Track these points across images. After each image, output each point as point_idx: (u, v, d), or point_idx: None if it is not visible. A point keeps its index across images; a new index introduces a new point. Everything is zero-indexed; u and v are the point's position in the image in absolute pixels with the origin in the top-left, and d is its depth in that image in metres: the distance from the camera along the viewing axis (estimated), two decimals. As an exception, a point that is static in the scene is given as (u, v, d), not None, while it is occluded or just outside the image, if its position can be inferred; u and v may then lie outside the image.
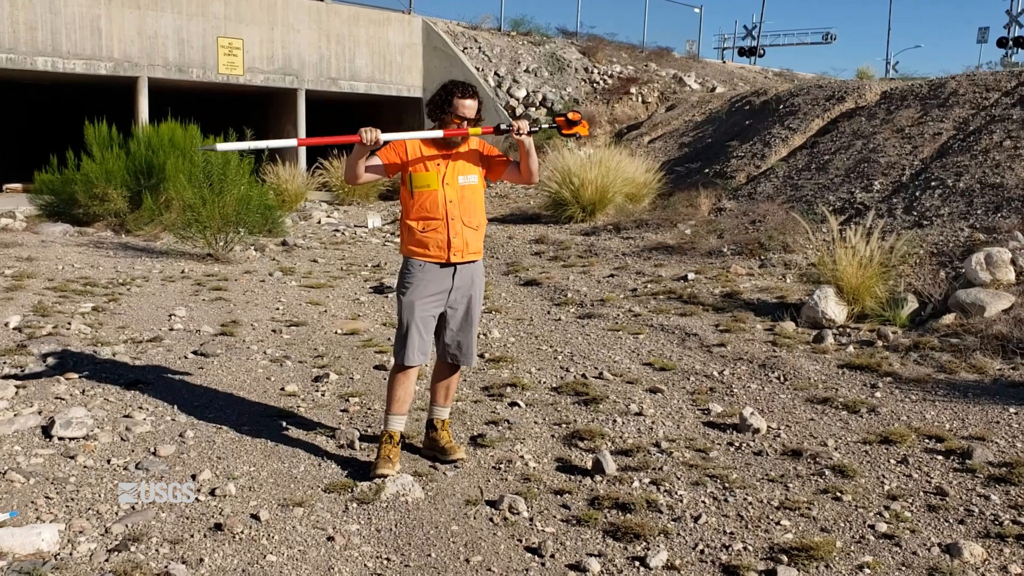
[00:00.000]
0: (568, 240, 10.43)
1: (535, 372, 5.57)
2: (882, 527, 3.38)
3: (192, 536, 3.27)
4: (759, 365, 5.64)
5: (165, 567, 3.02)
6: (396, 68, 18.62)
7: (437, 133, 3.83)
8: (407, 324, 3.84)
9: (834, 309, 6.41)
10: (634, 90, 19.33)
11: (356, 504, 3.59)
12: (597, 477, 3.89)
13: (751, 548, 3.25)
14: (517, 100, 18.35)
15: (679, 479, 3.89)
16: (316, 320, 6.94)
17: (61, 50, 14.17)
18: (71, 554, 3.09)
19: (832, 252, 6.84)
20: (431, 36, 18.89)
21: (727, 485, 3.80)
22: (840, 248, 6.68)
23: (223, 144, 4.04)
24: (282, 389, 5.11)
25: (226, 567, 3.07)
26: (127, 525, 3.31)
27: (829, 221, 7.50)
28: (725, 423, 4.62)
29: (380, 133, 3.74)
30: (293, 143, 4.13)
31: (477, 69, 18.46)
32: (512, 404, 4.91)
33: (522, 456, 4.14)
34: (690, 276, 8.13)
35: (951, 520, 3.45)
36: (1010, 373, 5.20)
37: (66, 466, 3.85)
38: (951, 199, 8.59)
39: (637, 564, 3.14)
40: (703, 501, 3.64)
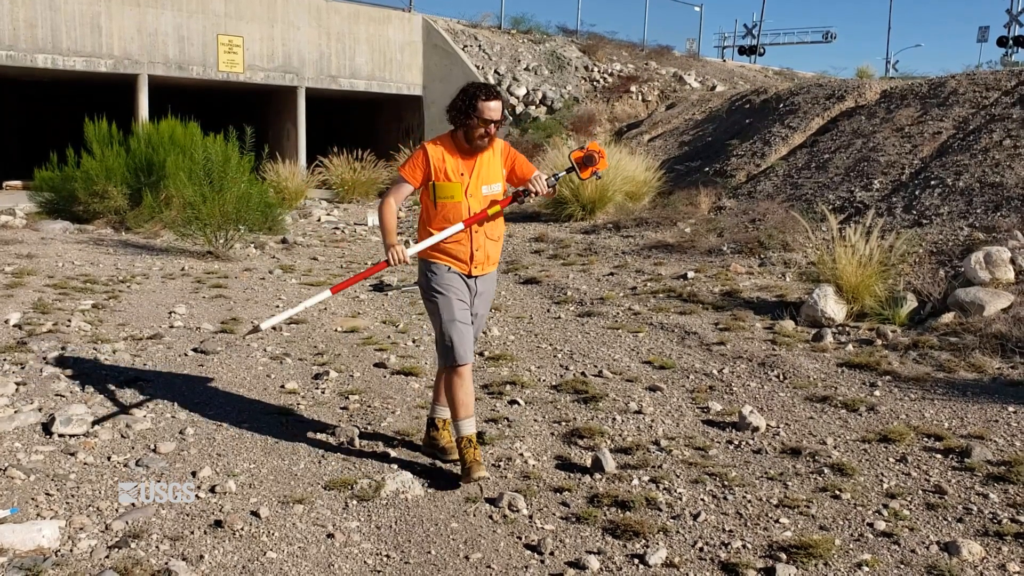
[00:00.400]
0: (568, 238, 10.44)
1: (535, 370, 5.58)
2: (881, 525, 3.39)
3: (192, 533, 3.28)
4: (758, 363, 5.64)
5: (165, 564, 3.02)
6: (396, 66, 18.62)
7: (457, 228, 3.71)
8: (449, 323, 3.74)
9: (833, 308, 6.42)
10: (634, 88, 19.34)
11: (356, 501, 3.59)
12: (596, 475, 3.89)
13: (750, 546, 3.26)
14: (517, 98, 18.35)
15: (678, 477, 3.89)
16: (316, 318, 6.95)
17: (61, 47, 14.17)
18: (71, 550, 3.10)
19: (832, 251, 6.84)
20: (431, 34, 18.89)
21: (726, 483, 3.81)
22: (840, 247, 6.69)
23: (268, 322, 3.91)
24: (282, 386, 5.12)
25: (226, 564, 3.08)
26: (127, 522, 3.31)
27: (829, 220, 7.50)
28: (724, 421, 4.63)
29: (404, 251, 3.73)
30: (327, 294, 3.96)
31: (477, 67, 18.46)
32: (512, 402, 4.92)
33: (521, 454, 4.15)
34: (690, 274, 8.14)
35: (950, 518, 3.46)
36: (1009, 372, 5.20)
37: (66, 463, 3.86)
38: (951, 198, 8.60)
39: (636, 562, 3.15)
40: (702, 499, 3.65)
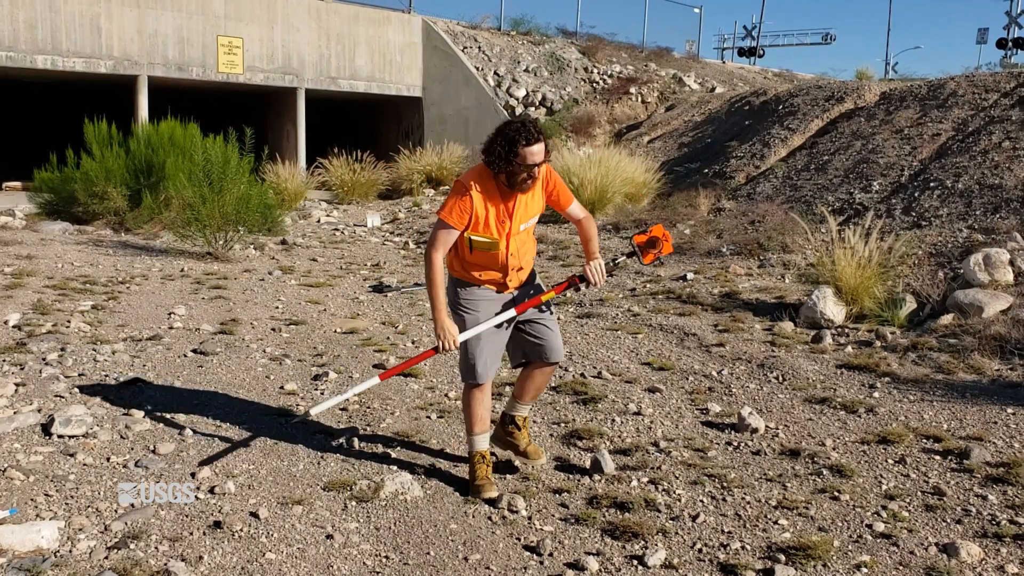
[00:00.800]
0: (567, 239, 10.44)
1: (534, 371, 5.58)
2: (880, 527, 3.39)
3: (191, 534, 3.28)
4: (758, 365, 5.65)
5: (164, 565, 3.03)
6: (396, 67, 18.63)
7: (509, 314, 3.56)
8: (472, 342, 3.62)
9: (833, 309, 6.42)
10: (634, 90, 19.35)
11: (355, 502, 3.59)
12: (595, 476, 3.89)
13: (749, 547, 3.26)
14: (517, 100, 18.36)
15: (677, 478, 3.89)
16: (315, 319, 6.95)
17: (61, 48, 14.17)
18: (71, 551, 3.10)
19: (831, 252, 6.85)
20: (431, 35, 18.90)
21: (725, 484, 3.81)
22: (839, 248, 6.69)
23: (316, 407, 3.77)
24: (281, 387, 5.12)
25: (225, 565, 3.08)
26: (126, 523, 3.31)
27: (828, 221, 7.50)
28: (723, 423, 4.63)
29: (456, 334, 3.51)
30: (376, 381, 3.73)
31: (477, 68, 18.47)
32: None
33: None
34: (689, 276, 8.14)
35: (948, 520, 3.46)
36: (1008, 373, 5.21)
37: (66, 464, 3.85)
38: (950, 200, 8.61)
39: (635, 563, 3.15)
40: (701, 500, 3.65)
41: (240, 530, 3.31)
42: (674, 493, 3.72)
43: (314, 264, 9.78)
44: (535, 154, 3.38)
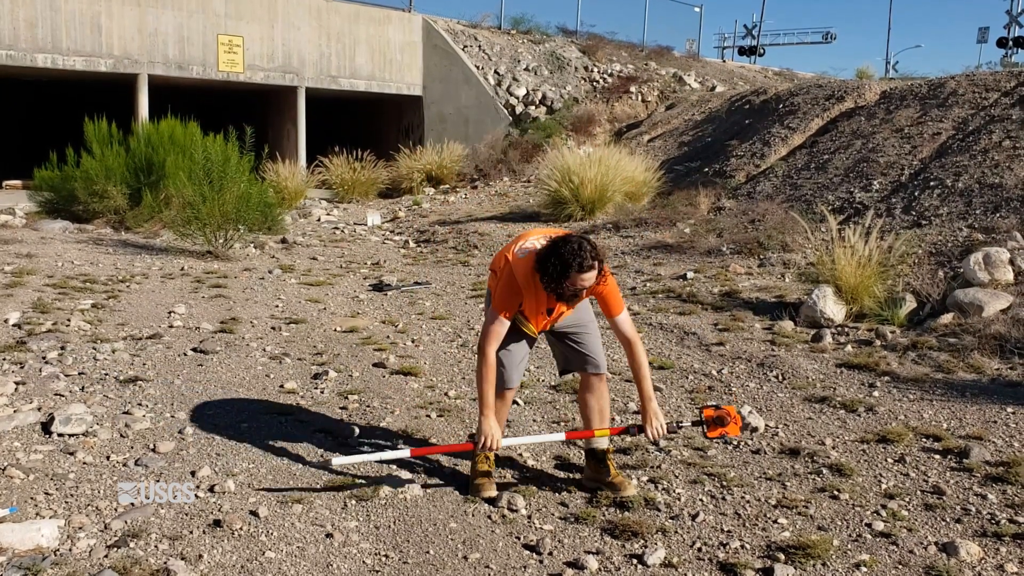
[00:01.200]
0: (567, 239, 10.42)
1: (533, 370, 5.58)
2: (879, 526, 3.39)
3: (191, 532, 3.28)
4: (757, 364, 5.65)
5: (164, 563, 3.03)
6: (396, 66, 18.63)
7: (558, 436, 3.56)
8: (501, 349, 3.59)
9: (832, 308, 6.42)
10: (634, 89, 19.34)
11: (355, 501, 3.59)
12: (595, 475, 3.89)
13: (748, 546, 3.26)
14: (517, 98, 18.36)
15: (677, 477, 3.90)
16: (315, 317, 6.95)
17: (61, 47, 14.17)
18: (70, 550, 3.10)
19: (831, 251, 6.84)
20: (431, 34, 18.90)
21: (725, 483, 3.81)
22: (839, 247, 6.69)
23: (340, 459, 3.67)
24: (281, 386, 5.12)
25: (225, 563, 3.08)
26: (126, 521, 3.31)
27: (828, 220, 7.50)
28: (723, 422, 4.62)
29: (499, 438, 3.47)
30: (406, 453, 3.71)
31: (477, 67, 18.47)
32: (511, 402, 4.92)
33: (520, 454, 4.15)
34: (689, 275, 8.14)
35: (948, 519, 3.46)
36: (1008, 373, 5.21)
37: (65, 462, 3.86)
38: (950, 199, 8.60)
39: (635, 562, 3.15)
40: (701, 499, 3.65)
41: (240, 529, 3.31)
42: (674, 492, 3.72)
43: (314, 263, 9.78)
44: (585, 280, 3.35)
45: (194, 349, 5.79)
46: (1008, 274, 6.43)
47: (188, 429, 4.32)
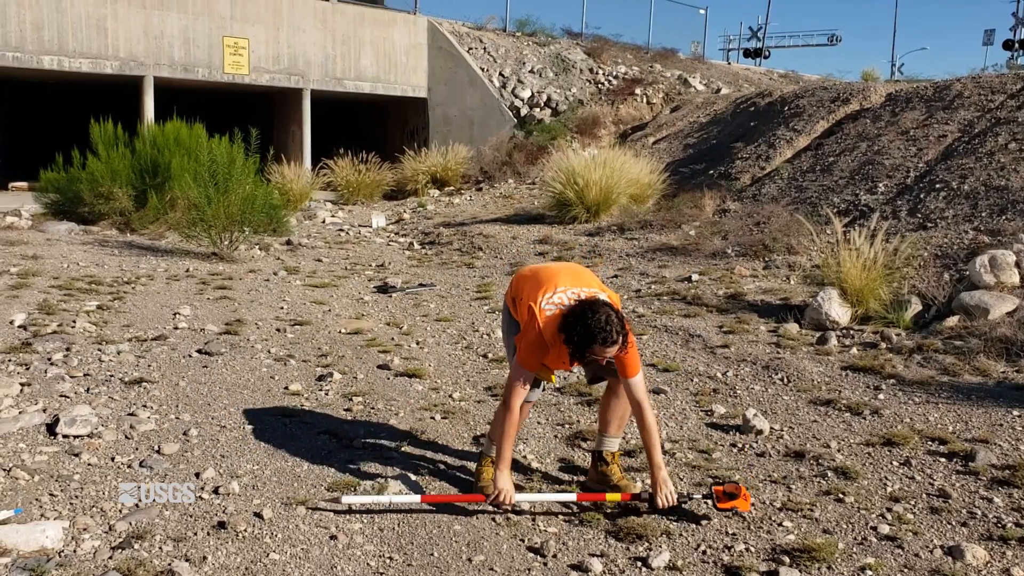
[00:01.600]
0: (572, 240, 10.44)
1: (538, 372, 5.57)
2: (884, 529, 3.38)
3: (195, 534, 3.28)
4: (763, 366, 5.64)
5: (168, 565, 3.03)
6: (401, 68, 18.64)
7: (570, 496, 3.55)
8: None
9: (838, 311, 6.41)
10: (639, 91, 19.34)
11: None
12: (600, 477, 3.88)
13: (753, 549, 3.25)
14: (522, 101, 18.35)
15: (682, 480, 3.89)
16: (320, 319, 6.96)
17: (67, 49, 14.21)
18: (75, 551, 3.11)
19: (836, 254, 6.83)
20: (436, 36, 18.90)
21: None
22: (844, 250, 6.68)
23: (350, 498, 3.58)
24: (286, 388, 5.13)
25: (229, 565, 3.08)
26: (131, 523, 3.32)
27: (833, 223, 7.49)
28: (728, 424, 4.62)
29: (513, 494, 3.44)
30: (416, 499, 3.58)
31: (482, 69, 18.47)
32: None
33: (525, 456, 4.14)
34: (694, 277, 8.13)
35: (954, 522, 3.45)
36: (1014, 376, 5.19)
37: (70, 464, 3.86)
38: (956, 201, 8.58)
39: (639, 564, 3.14)
40: (706, 502, 3.64)
41: (244, 530, 3.31)
42: (678, 491, 3.71)
43: (319, 264, 9.80)
44: (609, 353, 3.34)
45: (199, 351, 5.80)
46: (1014, 277, 6.41)
47: (193, 431, 4.32)
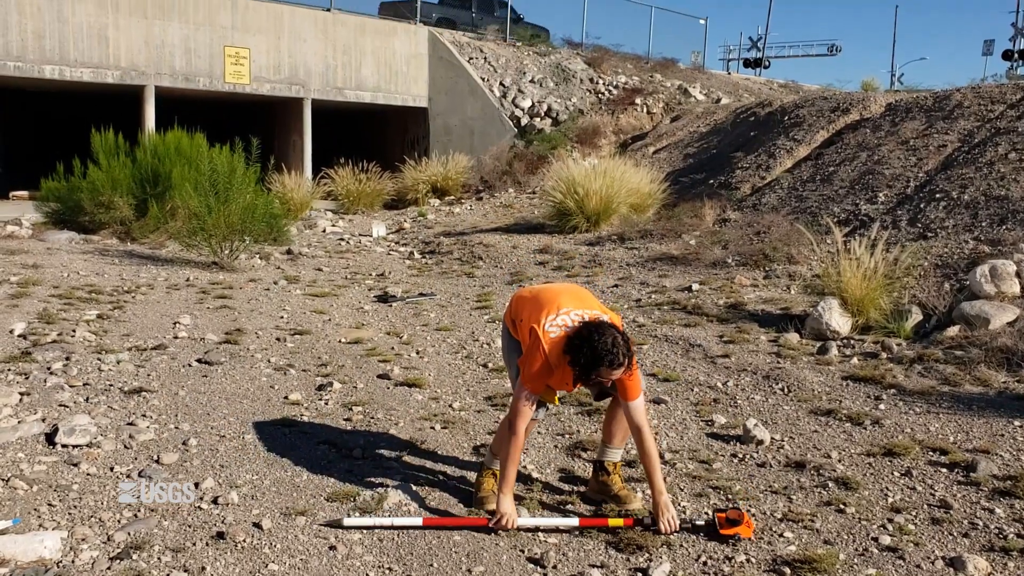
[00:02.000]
0: (572, 250, 10.44)
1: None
2: (886, 540, 3.37)
3: (194, 544, 3.27)
4: (763, 376, 5.63)
5: (167, 575, 3.02)
6: (402, 78, 18.69)
7: (572, 521, 3.51)
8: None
9: (838, 321, 6.40)
10: (639, 101, 19.38)
11: (359, 513, 3.58)
12: (600, 488, 3.87)
13: (754, 560, 3.24)
14: (522, 110, 18.40)
15: (682, 490, 3.88)
16: (320, 329, 6.95)
17: (68, 58, 14.25)
18: (73, 562, 3.10)
19: (836, 263, 6.83)
20: (437, 46, 18.96)
21: (730, 497, 3.79)
22: (844, 260, 6.68)
23: (351, 520, 3.51)
24: (286, 397, 5.12)
25: (228, 576, 3.07)
26: (129, 533, 3.31)
27: (833, 232, 7.49)
28: (729, 434, 4.61)
29: (516, 518, 3.44)
30: (419, 521, 3.52)
31: (482, 79, 18.52)
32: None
33: (525, 466, 4.13)
34: (694, 287, 8.13)
35: (955, 533, 3.44)
36: (1015, 386, 5.18)
37: (69, 473, 3.85)
38: (956, 211, 8.58)
39: (639, 575, 3.13)
40: (706, 513, 3.63)
41: (243, 541, 3.30)
42: (679, 505, 3.71)
43: (319, 274, 9.80)
44: (614, 375, 3.34)
45: (199, 360, 5.79)
46: (1015, 287, 6.41)
47: (192, 440, 4.31)
